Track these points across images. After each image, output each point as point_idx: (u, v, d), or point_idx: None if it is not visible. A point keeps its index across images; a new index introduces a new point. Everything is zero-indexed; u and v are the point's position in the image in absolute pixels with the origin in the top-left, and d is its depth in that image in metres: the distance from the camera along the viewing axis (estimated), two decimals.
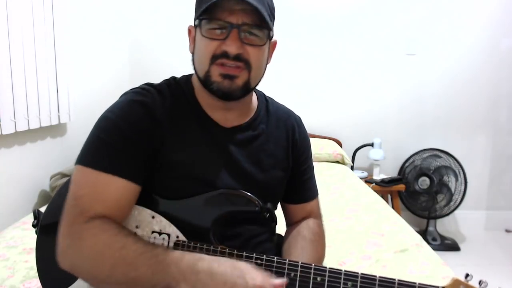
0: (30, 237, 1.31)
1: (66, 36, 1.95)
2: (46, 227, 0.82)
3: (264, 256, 0.70)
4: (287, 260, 0.69)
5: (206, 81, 0.76)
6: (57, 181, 1.80)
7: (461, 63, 2.85)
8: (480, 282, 0.64)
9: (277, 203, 0.93)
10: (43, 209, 0.86)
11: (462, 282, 0.65)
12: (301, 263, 0.69)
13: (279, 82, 2.82)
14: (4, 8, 1.49)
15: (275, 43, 0.85)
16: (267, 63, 0.83)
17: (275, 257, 0.69)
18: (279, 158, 0.88)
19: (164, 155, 0.75)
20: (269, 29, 0.76)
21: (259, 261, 0.69)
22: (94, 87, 2.35)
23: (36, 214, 0.84)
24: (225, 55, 0.73)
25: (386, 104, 2.92)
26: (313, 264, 0.68)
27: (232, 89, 0.75)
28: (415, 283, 0.65)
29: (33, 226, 0.83)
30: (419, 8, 2.82)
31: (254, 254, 0.70)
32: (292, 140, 0.91)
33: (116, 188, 0.70)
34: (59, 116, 1.91)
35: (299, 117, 0.97)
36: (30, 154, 1.78)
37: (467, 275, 0.65)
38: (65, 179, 1.65)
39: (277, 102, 0.96)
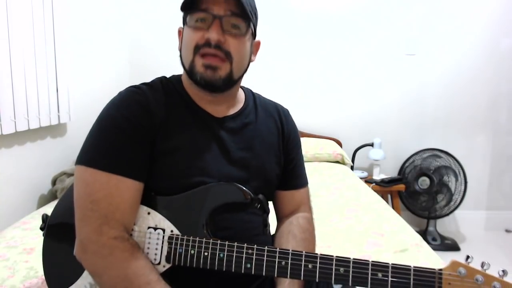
0: (30, 237, 1.31)
1: (66, 36, 1.95)
2: (53, 227, 0.83)
3: (255, 245, 0.70)
4: (278, 248, 0.69)
5: (191, 72, 0.79)
6: (63, 181, 1.80)
7: (461, 63, 2.85)
8: (482, 264, 0.62)
9: (273, 190, 0.93)
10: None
11: (461, 264, 0.62)
12: (292, 250, 0.69)
13: (279, 82, 2.82)
14: (4, 8, 1.49)
15: (258, 43, 0.88)
16: (250, 60, 0.85)
17: (266, 246, 0.70)
18: (270, 145, 0.90)
19: (160, 143, 0.77)
20: (250, 19, 0.78)
21: (250, 251, 0.69)
22: (94, 87, 2.35)
23: (44, 218, 0.85)
24: (207, 43, 0.76)
25: (386, 104, 2.92)
26: (303, 252, 0.68)
27: (214, 79, 0.77)
28: (410, 266, 0.64)
29: (41, 229, 0.85)
30: (419, 8, 2.82)
31: (245, 244, 0.70)
32: (281, 129, 0.94)
33: (127, 189, 0.72)
34: (59, 116, 1.91)
35: (287, 109, 1.00)
36: (30, 154, 1.78)
37: (467, 257, 0.63)
38: (72, 178, 1.65)
39: (264, 97, 0.99)
